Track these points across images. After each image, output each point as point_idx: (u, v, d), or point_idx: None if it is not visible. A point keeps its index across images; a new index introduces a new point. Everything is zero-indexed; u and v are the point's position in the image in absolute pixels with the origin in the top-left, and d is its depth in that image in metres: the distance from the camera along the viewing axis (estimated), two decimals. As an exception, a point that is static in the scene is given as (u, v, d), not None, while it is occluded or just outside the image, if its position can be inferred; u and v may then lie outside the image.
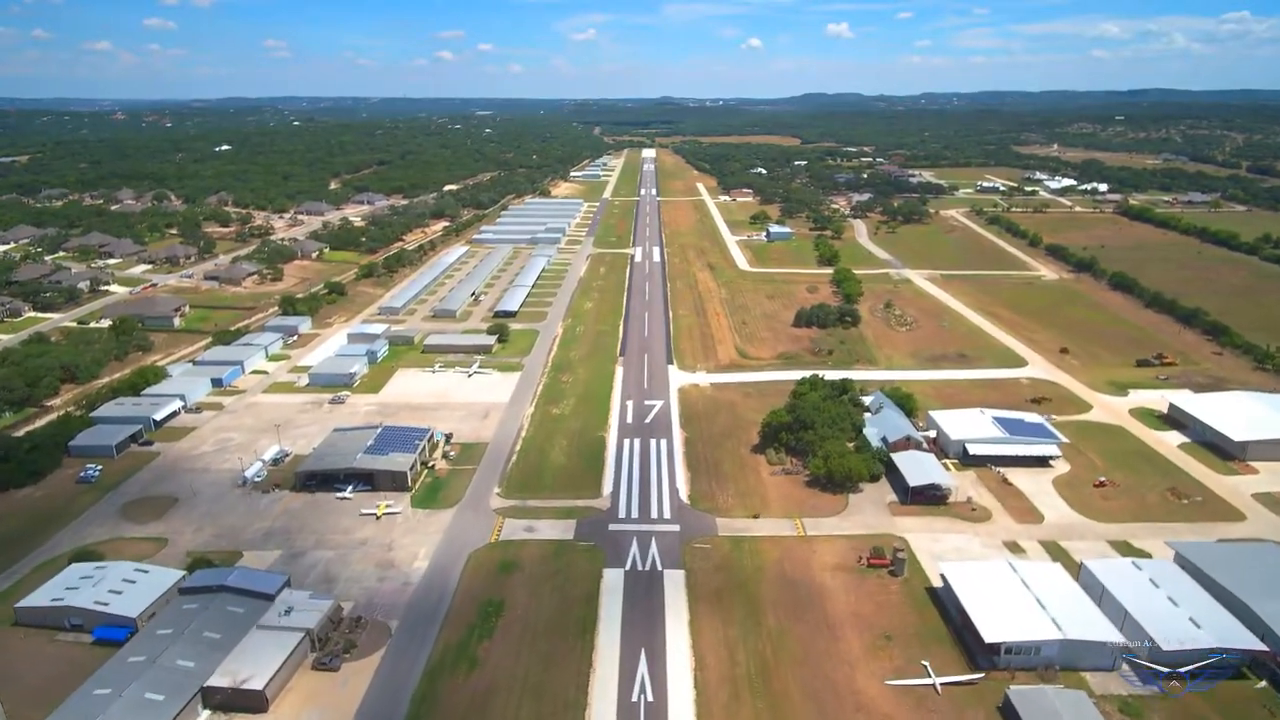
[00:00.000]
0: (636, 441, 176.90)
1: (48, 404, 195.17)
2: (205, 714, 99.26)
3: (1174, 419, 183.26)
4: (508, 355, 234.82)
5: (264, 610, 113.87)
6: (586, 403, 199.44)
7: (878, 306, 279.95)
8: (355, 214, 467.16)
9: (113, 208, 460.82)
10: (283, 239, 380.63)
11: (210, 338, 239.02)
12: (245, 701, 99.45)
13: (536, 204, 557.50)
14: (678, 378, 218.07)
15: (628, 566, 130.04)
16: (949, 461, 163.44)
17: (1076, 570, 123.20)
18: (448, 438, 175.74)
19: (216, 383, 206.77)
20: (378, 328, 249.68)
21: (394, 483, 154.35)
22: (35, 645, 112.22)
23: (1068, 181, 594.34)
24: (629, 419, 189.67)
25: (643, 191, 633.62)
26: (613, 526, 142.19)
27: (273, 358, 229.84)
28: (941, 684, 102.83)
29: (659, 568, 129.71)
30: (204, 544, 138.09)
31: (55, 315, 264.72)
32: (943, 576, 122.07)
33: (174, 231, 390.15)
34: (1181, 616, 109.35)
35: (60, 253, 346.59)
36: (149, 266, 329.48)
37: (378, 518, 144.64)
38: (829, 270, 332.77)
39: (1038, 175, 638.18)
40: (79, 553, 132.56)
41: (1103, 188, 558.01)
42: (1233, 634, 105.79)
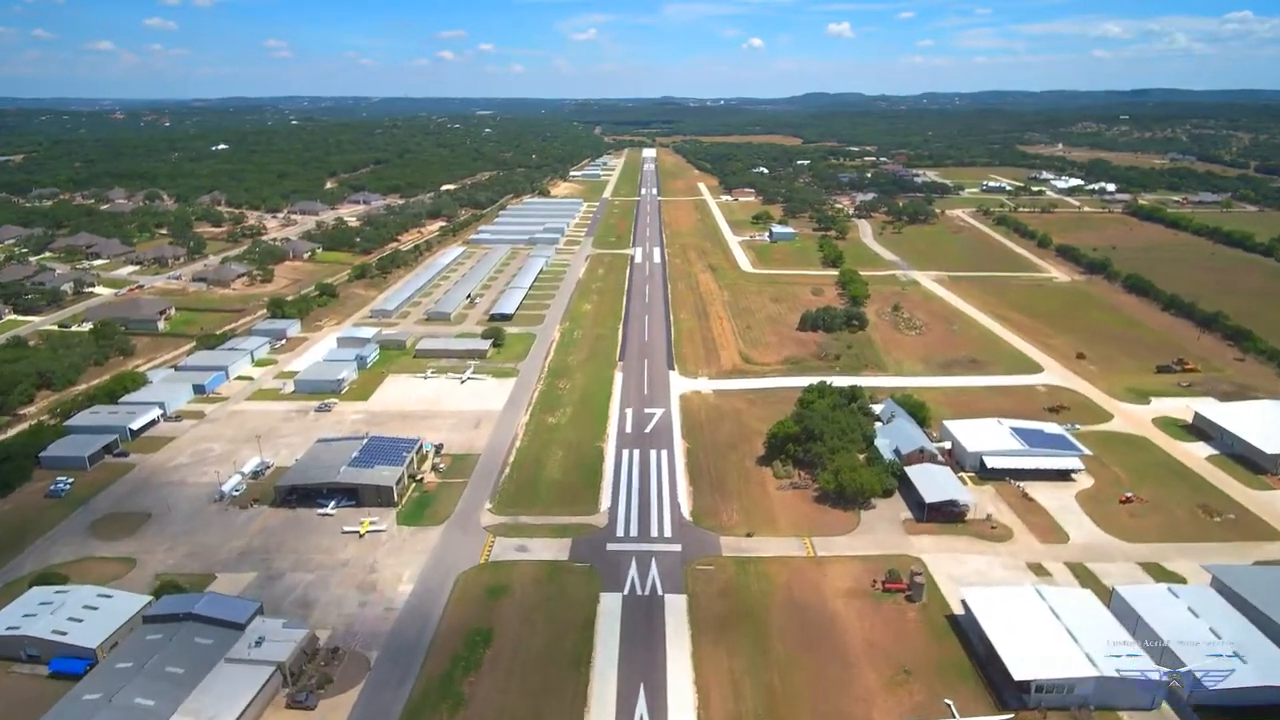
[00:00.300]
0: (636, 453, 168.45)
1: (21, 412, 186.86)
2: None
3: (1200, 429, 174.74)
4: (503, 360, 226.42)
5: (233, 641, 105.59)
6: (584, 411, 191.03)
7: (885, 309, 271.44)
8: (350, 214, 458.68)
9: (103, 207, 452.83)
10: (275, 239, 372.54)
11: (194, 342, 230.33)
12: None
13: (535, 204, 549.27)
14: (679, 384, 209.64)
15: (626, 591, 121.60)
16: (965, 475, 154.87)
17: (1108, 596, 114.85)
18: (438, 449, 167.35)
19: (198, 389, 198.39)
20: (368, 331, 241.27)
21: (379, 498, 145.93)
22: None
23: (1075, 181, 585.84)
24: (628, 428, 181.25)
25: (643, 191, 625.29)
26: (610, 546, 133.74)
27: (259, 363, 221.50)
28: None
29: (659, 592, 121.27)
30: (175, 565, 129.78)
31: (36, 318, 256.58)
32: (964, 603, 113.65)
33: (164, 232, 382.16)
34: (1224, 649, 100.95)
35: (46, 253, 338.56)
36: (136, 268, 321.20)
37: (361, 536, 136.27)
38: (834, 272, 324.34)
39: (1044, 175, 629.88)
40: (42, 575, 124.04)
41: (1110, 187, 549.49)
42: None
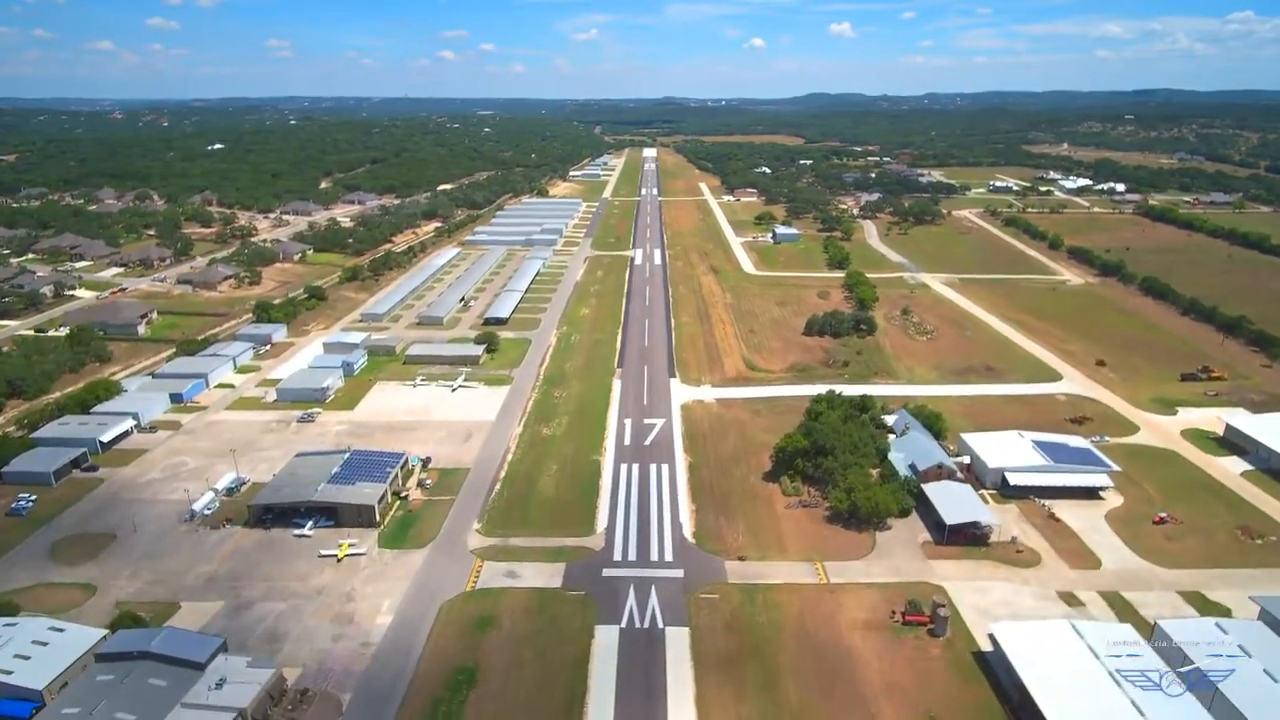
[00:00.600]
0: (635, 467, 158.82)
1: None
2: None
3: (1232, 442, 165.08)
4: (496, 367, 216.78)
5: (192, 682, 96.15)
6: (580, 421, 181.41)
7: (894, 313, 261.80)
8: (344, 214, 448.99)
9: (91, 207, 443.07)
10: (265, 240, 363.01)
11: (175, 348, 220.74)
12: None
13: (533, 204, 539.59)
14: (680, 392, 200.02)
15: (624, 623, 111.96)
16: (986, 492, 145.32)
17: (1149, 631, 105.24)
18: (424, 463, 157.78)
19: (176, 398, 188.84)
20: (356, 336, 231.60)
21: (360, 518, 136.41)
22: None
23: (1083, 181, 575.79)
24: (627, 440, 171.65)
25: (643, 191, 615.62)
26: (607, 571, 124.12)
27: (241, 370, 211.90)
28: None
29: (660, 625, 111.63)
30: (137, 592, 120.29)
31: (13, 322, 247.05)
32: (992, 638, 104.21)
33: (152, 233, 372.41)
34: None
35: (30, 255, 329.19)
36: (120, 270, 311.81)
37: (339, 560, 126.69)
38: (840, 274, 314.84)
39: (1051, 175, 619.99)
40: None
41: (1120, 188, 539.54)
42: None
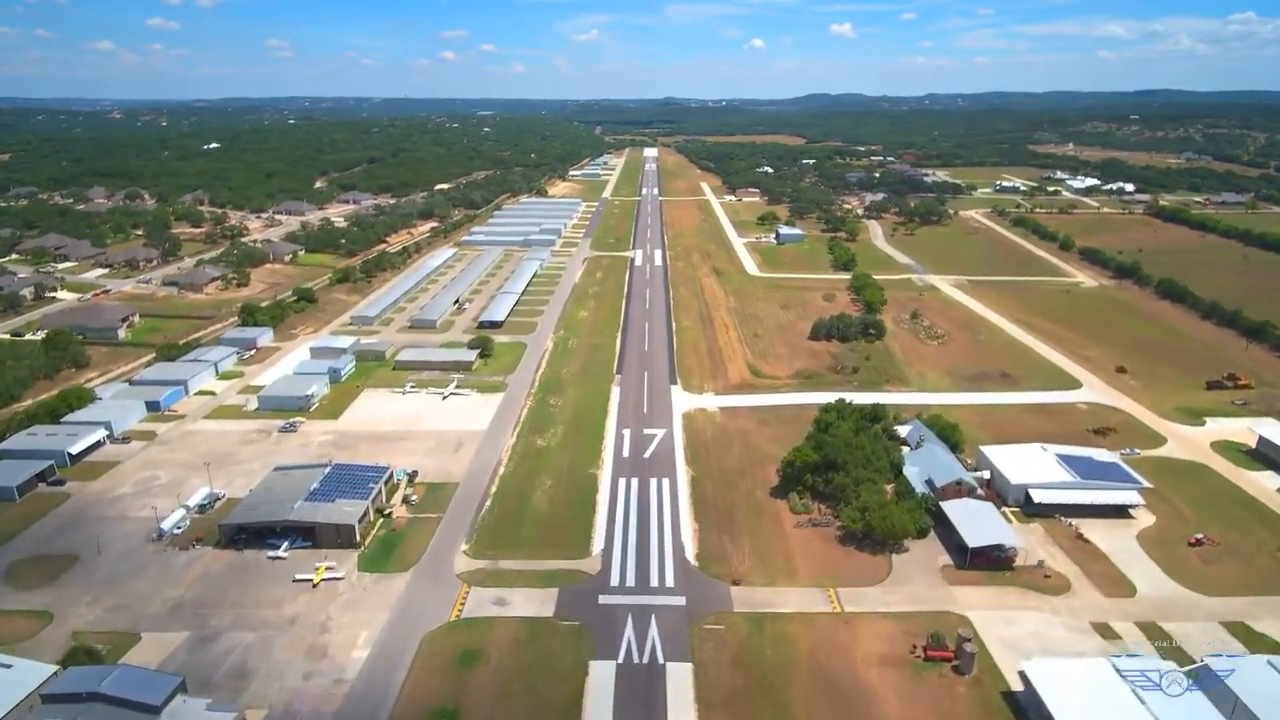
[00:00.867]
0: (634, 482, 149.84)
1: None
2: None
3: (1266, 455, 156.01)
4: (490, 373, 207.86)
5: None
6: (577, 432, 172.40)
7: (903, 316, 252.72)
8: (338, 214, 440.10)
9: (79, 207, 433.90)
10: (255, 241, 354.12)
11: (154, 353, 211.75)
12: None
13: (532, 204, 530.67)
14: (682, 400, 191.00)
15: (621, 658, 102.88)
16: (1009, 510, 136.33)
17: (1196, 668, 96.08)
18: (411, 477, 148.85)
19: (152, 406, 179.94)
20: (345, 341, 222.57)
21: (339, 538, 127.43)
22: None
23: (1091, 181, 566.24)
24: (625, 452, 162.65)
25: (644, 191, 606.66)
26: (603, 598, 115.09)
27: (223, 375, 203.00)
28: None
29: (660, 660, 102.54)
30: (97, 621, 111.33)
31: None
32: (1024, 677, 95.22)
33: (140, 233, 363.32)
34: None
35: (13, 255, 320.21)
36: (105, 271, 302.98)
37: (314, 585, 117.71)
38: (846, 276, 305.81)
39: (1058, 174, 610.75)
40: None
41: (1129, 188, 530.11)
42: None
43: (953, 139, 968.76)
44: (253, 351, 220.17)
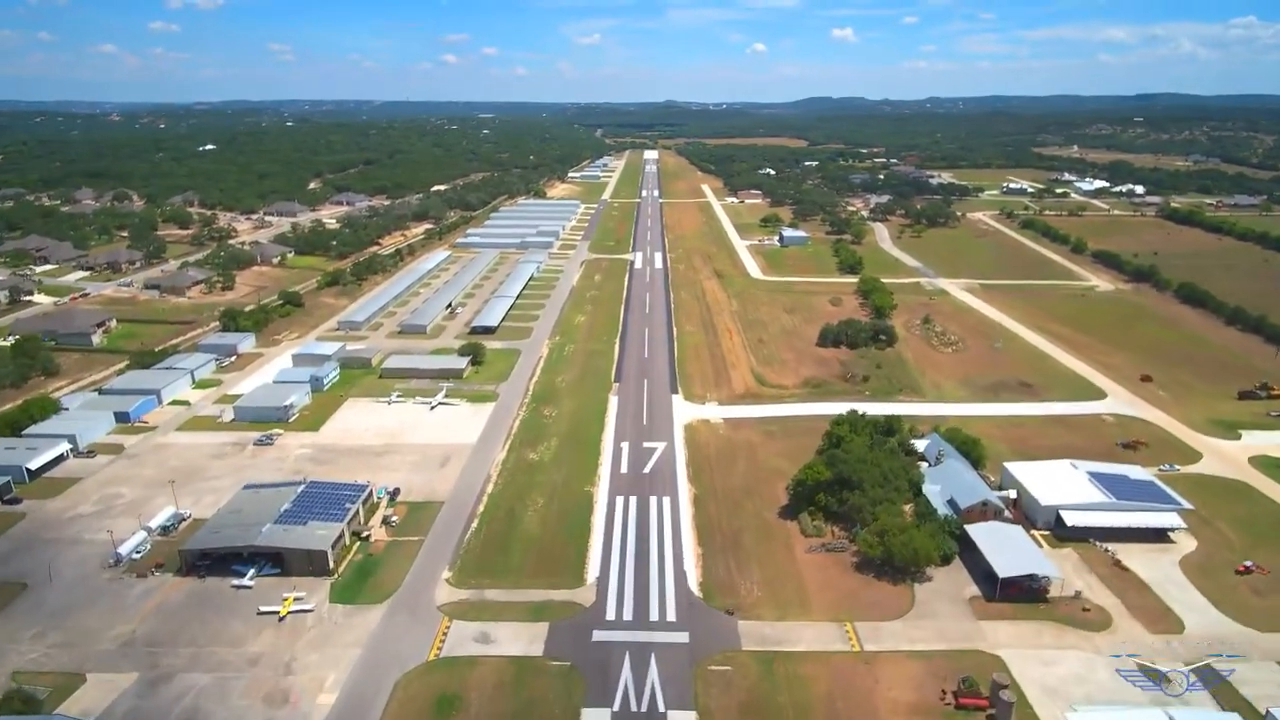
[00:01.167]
0: (633, 500, 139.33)
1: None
2: None
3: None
4: (482, 381, 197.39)
5: (74, 793, 76.49)
6: (572, 445, 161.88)
7: (914, 322, 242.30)
8: (331, 215, 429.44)
9: (64, 208, 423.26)
10: (243, 243, 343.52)
11: (128, 359, 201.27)
12: None
13: (530, 205, 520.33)
14: (684, 411, 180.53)
15: (617, 705, 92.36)
16: (1039, 533, 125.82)
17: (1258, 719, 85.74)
18: (392, 496, 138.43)
19: (122, 417, 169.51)
20: (330, 347, 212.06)
21: (310, 565, 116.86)
22: None
23: (1100, 183, 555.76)
24: (623, 468, 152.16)
25: (644, 193, 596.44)
26: (598, 634, 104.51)
27: (200, 384, 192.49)
28: None
29: (660, 707, 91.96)
30: (40, 659, 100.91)
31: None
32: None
33: (125, 235, 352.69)
34: None
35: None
36: (86, 273, 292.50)
37: (280, 618, 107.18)
38: (853, 279, 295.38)
39: (1066, 176, 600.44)
40: None
41: (1139, 190, 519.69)
42: None
43: (956, 141, 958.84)
44: (233, 358, 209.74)
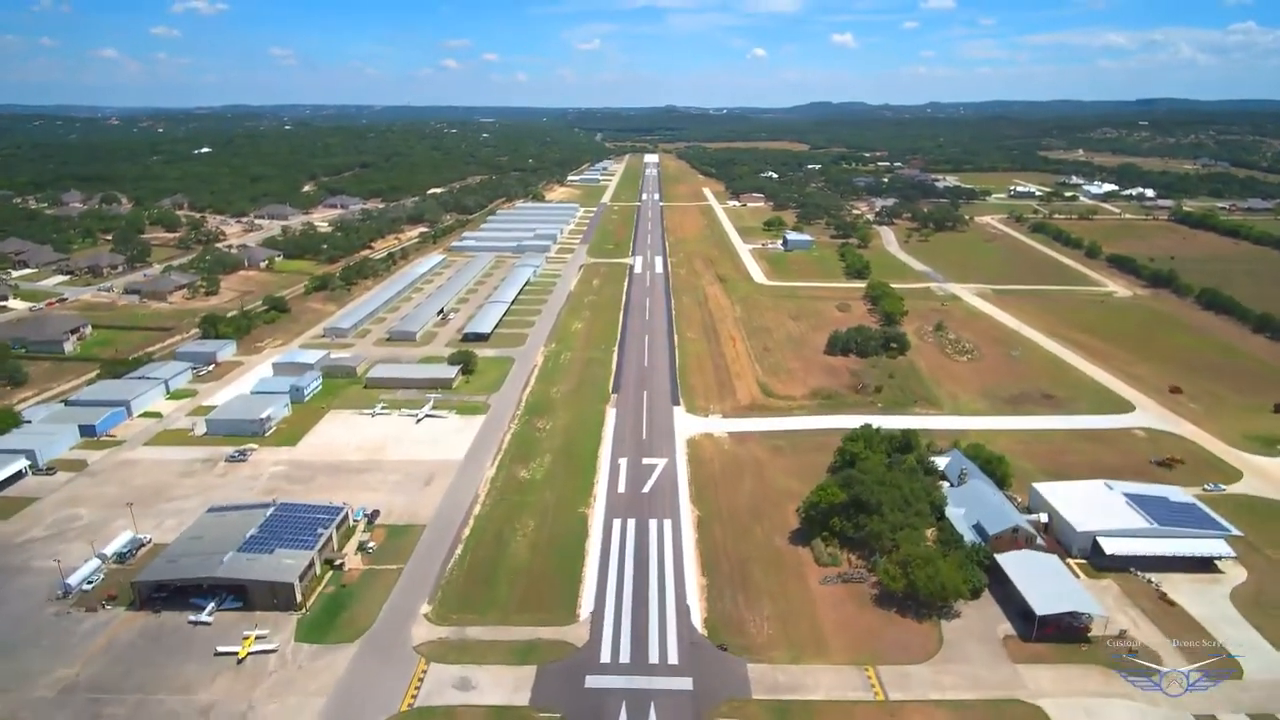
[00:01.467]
0: (630, 524, 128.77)
1: None
2: None
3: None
4: (472, 392, 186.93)
5: None
6: (566, 462, 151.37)
7: (926, 329, 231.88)
8: (323, 218, 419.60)
9: (49, 211, 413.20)
10: (231, 246, 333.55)
11: (99, 369, 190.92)
12: None
13: (528, 209, 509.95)
14: (686, 424, 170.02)
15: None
16: (1074, 562, 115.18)
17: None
18: (370, 519, 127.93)
19: (87, 430, 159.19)
20: (313, 355, 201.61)
21: (275, 599, 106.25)
22: None
23: (1109, 186, 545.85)
24: (621, 487, 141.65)
25: (644, 196, 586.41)
26: (591, 680, 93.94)
27: (174, 395, 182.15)
28: None
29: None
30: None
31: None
32: (1128, 801, 73.76)
33: (109, 238, 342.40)
34: None
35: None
36: (66, 278, 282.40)
37: (240, 660, 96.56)
38: (860, 284, 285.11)
39: (1074, 180, 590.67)
40: None
41: (1150, 193, 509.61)
42: None
43: (959, 145, 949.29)
44: (211, 367, 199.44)
